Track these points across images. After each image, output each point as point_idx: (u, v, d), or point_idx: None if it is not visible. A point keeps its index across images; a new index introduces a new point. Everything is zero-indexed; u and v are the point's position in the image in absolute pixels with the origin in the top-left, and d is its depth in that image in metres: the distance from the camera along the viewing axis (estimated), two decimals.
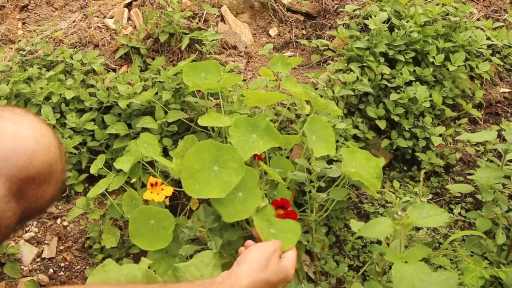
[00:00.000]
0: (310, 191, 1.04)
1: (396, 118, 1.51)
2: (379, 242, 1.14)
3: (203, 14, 1.67)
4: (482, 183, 1.24)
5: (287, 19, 2.04)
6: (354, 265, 1.28)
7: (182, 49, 1.50)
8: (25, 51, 1.52)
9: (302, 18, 2.03)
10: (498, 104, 1.81)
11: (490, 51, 1.77)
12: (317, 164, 1.02)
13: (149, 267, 0.77)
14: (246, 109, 1.21)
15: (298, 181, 1.14)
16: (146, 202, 1.03)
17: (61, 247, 1.21)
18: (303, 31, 2.01)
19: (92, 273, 0.75)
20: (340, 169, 1.08)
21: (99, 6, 1.90)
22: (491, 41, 1.74)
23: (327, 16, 2.00)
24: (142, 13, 1.67)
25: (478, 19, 1.93)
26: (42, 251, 1.20)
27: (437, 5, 1.77)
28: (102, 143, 1.33)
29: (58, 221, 1.26)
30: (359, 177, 0.99)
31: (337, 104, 1.52)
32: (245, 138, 0.97)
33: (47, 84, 1.35)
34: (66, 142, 1.26)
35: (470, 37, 1.70)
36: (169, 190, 0.94)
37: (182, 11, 1.60)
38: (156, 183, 0.93)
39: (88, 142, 1.33)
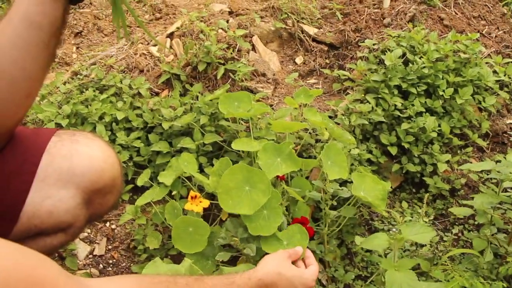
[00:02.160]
0: (324, 208, 1.23)
1: (407, 145, 1.68)
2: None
3: (236, 44, 1.88)
4: (478, 208, 1.41)
5: (312, 49, 2.23)
6: (363, 275, 1.45)
7: (218, 78, 1.70)
8: (81, 75, 1.75)
9: (326, 48, 2.22)
10: (504, 134, 1.96)
11: (498, 85, 1.93)
12: (331, 185, 1.21)
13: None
14: (272, 135, 1.40)
15: (314, 199, 1.32)
16: (184, 211, 1.23)
17: (110, 247, 1.42)
18: (327, 60, 2.20)
19: (145, 267, 0.94)
20: (350, 190, 1.26)
21: (143, 33, 2.13)
22: (499, 76, 1.90)
23: (349, 47, 2.18)
24: (183, 43, 1.89)
25: (489, 55, 2.09)
26: (94, 249, 1.41)
27: (449, 42, 1.94)
28: (146, 158, 1.53)
29: (107, 224, 1.47)
30: (366, 199, 1.17)
31: (353, 130, 1.70)
32: (271, 161, 1.16)
33: (101, 105, 1.57)
34: None
35: (478, 72, 1.86)
36: (206, 203, 1.13)
37: (219, 42, 1.80)
38: (196, 196, 1.13)
39: (134, 157, 1.54)
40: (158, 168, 1.52)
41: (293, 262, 1.02)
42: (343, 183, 1.46)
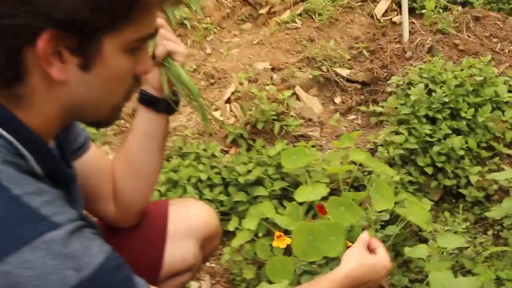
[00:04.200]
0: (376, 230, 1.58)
1: (440, 165, 1.99)
2: None
3: (284, 99, 2.26)
4: (507, 211, 1.71)
5: (347, 88, 2.59)
6: (419, 278, 1.77)
7: (275, 132, 2.09)
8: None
9: (359, 86, 2.58)
10: None
11: None
12: (375, 213, 1.55)
13: None
14: (326, 178, 1.76)
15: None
16: (271, 246, 1.60)
17: (213, 281, 1.80)
18: (361, 97, 2.55)
19: None
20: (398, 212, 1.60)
21: (202, 99, 2.54)
22: None
23: (379, 83, 2.53)
24: (240, 106, 2.29)
25: (503, 72, 2.38)
26: (201, 285, 1.79)
27: (465, 67, 2.25)
28: (228, 207, 1.92)
29: (208, 264, 1.86)
30: (414, 222, 1.50)
31: (393, 158, 2.03)
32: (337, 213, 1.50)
33: (187, 170, 1.98)
34: None
35: (494, 91, 2.16)
36: (288, 240, 1.50)
37: (269, 99, 2.19)
38: (280, 235, 1.50)
39: (219, 208, 1.93)
40: (240, 214, 1.90)
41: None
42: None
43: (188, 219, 1.25)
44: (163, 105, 1.03)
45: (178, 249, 1.21)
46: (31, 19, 0.60)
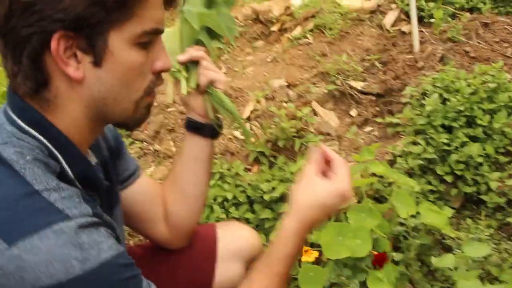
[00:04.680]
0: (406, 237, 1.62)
1: (459, 173, 2.04)
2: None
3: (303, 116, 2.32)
4: None
5: (363, 101, 2.64)
6: (445, 287, 1.80)
7: (296, 149, 2.15)
8: None
9: (374, 98, 2.63)
10: None
11: None
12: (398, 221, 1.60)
13: None
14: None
15: (393, 234, 1.72)
16: (299, 261, 1.66)
17: None
18: (377, 108, 2.60)
19: None
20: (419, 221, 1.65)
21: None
22: None
23: (393, 94, 2.58)
24: (260, 124, 2.36)
25: None
26: None
27: (478, 75, 2.29)
28: (255, 225, 1.98)
29: None
30: (434, 225, 1.55)
31: (413, 168, 2.08)
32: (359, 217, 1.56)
33: (213, 191, 2.04)
34: None
35: (509, 96, 2.20)
36: (316, 253, 1.55)
37: (289, 117, 2.26)
38: (308, 249, 1.55)
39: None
40: (266, 230, 1.96)
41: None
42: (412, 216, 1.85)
43: (235, 241, 1.32)
44: (208, 130, 1.11)
45: (227, 270, 1.27)
46: (41, 25, 0.68)
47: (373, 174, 1.95)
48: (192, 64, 1.07)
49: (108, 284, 0.68)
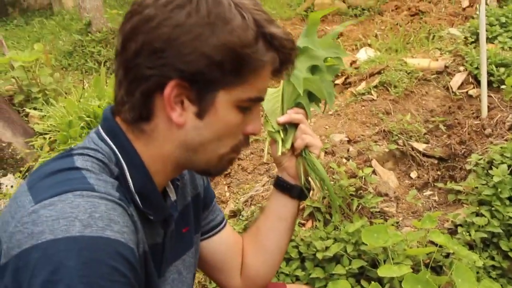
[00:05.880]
0: None
1: None
2: None
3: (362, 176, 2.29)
4: None
5: (424, 163, 2.58)
6: None
7: (353, 209, 2.11)
8: (242, 217, 2.25)
9: (436, 161, 2.57)
10: None
11: None
12: None
13: None
14: (408, 261, 1.75)
15: None
16: None
17: None
18: (438, 172, 2.53)
19: None
20: None
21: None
22: None
23: (456, 159, 2.51)
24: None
25: None
26: None
27: None
28: (305, 283, 1.94)
29: None
30: None
31: (474, 240, 1.99)
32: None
33: None
34: None
35: None
36: None
37: (348, 174, 2.23)
38: None
39: (294, 282, 1.95)
40: None
41: None
42: None
43: None
44: (296, 192, 1.13)
45: None
46: (163, 70, 0.75)
47: (431, 242, 1.88)
48: (290, 126, 1.10)
49: (95, 262, 0.65)
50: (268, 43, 0.79)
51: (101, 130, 0.84)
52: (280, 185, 1.14)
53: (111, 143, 0.81)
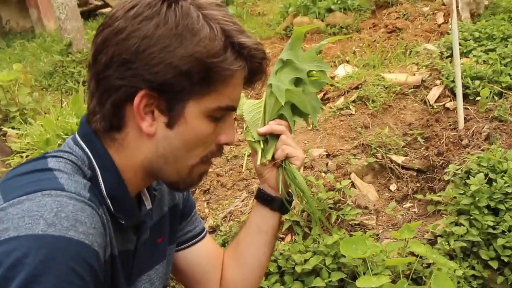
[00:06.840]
0: None
1: (506, 259, 1.92)
2: None
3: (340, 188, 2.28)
4: None
5: (403, 176, 2.58)
6: None
7: (332, 222, 2.09)
8: (221, 232, 2.21)
9: (415, 173, 2.57)
10: None
11: None
12: None
13: None
14: (387, 271, 1.73)
15: None
16: None
17: None
18: (417, 184, 2.53)
19: None
20: None
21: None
22: None
23: (435, 171, 2.51)
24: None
25: None
26: None
27: None
28: None
29: None
30: None
31: (454, 250, 1.97)
32: None
33: None
34: None
35: None
36: None
37: (327, 188, 2.22)
38: None
39: None
40: None
41: None
42: None
43: None
44: (277, 204, 1.11)
45: None
46: (132, 81, 0.76)
47: (411, 253, 1.86)
48: (272, 137, 1.09)
49: (53, 262, 0.64)
50: (237, 53, 0.80)
51: (77, 136, 0.85)
52: (261, 197, 1.12)
53: (85, 147, 0.82)
